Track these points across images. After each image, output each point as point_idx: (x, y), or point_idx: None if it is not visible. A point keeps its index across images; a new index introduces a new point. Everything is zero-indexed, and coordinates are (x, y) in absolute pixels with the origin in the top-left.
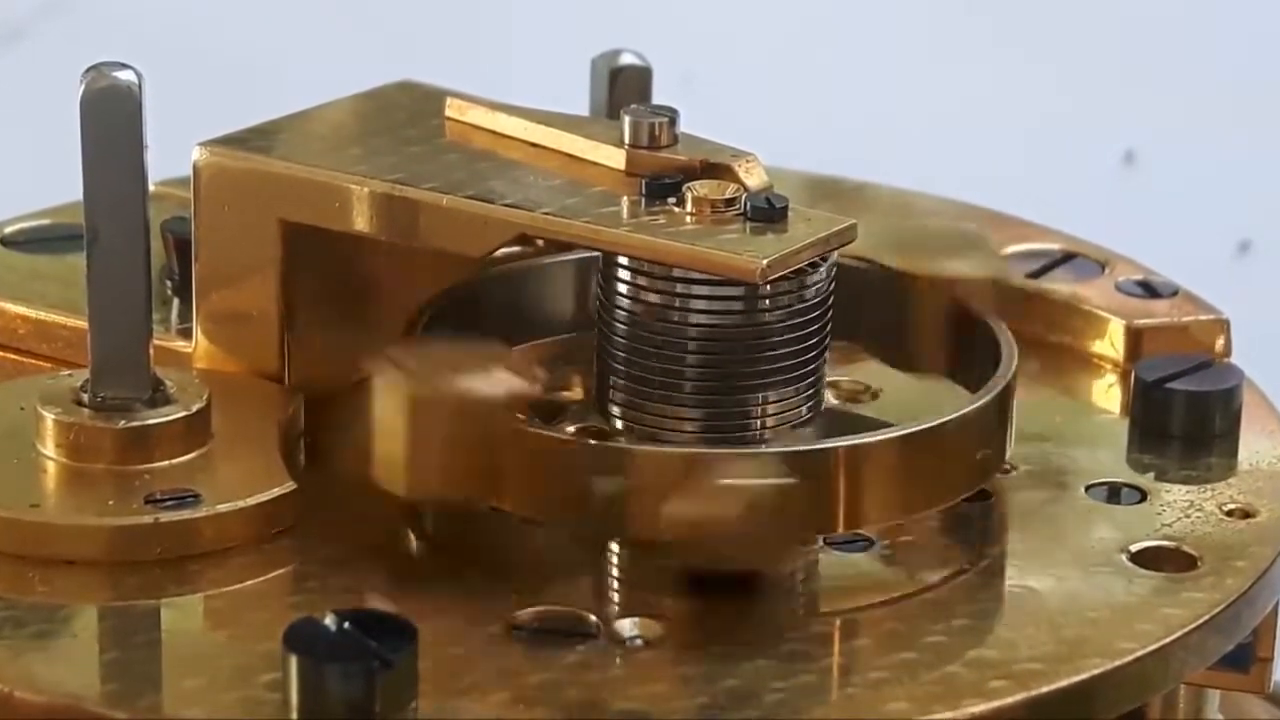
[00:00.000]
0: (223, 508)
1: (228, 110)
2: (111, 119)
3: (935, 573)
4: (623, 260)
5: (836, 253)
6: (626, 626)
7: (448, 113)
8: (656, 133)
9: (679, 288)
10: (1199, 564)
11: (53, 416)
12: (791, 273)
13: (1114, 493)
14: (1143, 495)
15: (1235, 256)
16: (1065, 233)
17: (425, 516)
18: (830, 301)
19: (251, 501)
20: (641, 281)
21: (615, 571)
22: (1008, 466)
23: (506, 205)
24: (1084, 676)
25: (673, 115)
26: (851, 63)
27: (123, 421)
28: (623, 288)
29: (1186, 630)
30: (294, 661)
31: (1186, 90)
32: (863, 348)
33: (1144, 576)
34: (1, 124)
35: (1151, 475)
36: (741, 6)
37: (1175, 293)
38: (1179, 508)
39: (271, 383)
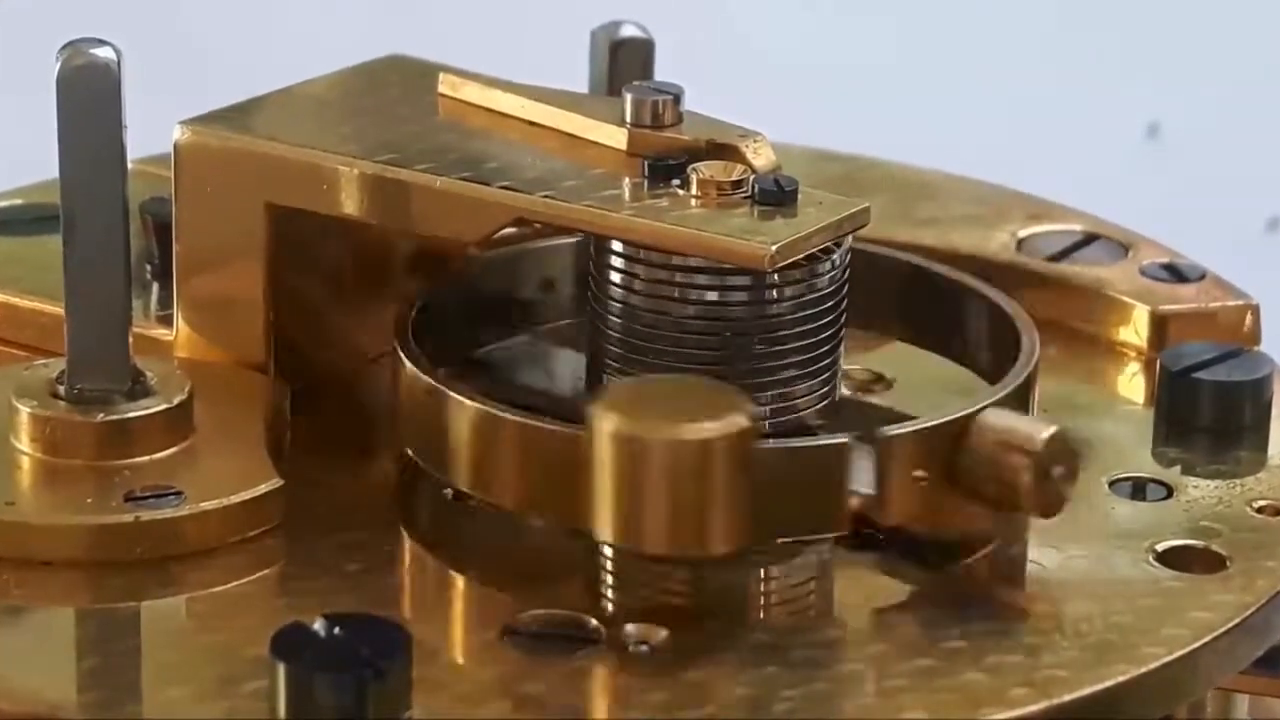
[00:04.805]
0: (206, 505)
1: (209, 86)
2: (89, 97)
3: (953, 574)
4: (617, 246)
5: (850, 237)
6: (630, 631)
7: (440, 89)
8: (660, 111)
9: (679, 275)
10: (1228, 564)
11: (28, 410)
12: (803, 259)
13: (1138, 488)
14: (1169, 491)
15: (1264, 234)
16: (1087, 213)
17: (419, 515)
18: (845, 289)
19: (236, 499)
20: (637, 270)
21: (618, 572)
22: None
23: (503, 188)
24: (1108, 684)
25: (677, 92)
26: (863, 36)
27: (101, 415)
28: (616, 275)
29: (1216, 635)
30: (281, 669)
31: (1212, 58)
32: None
33: (1170, 577)
34: None
35: (1178, 470)
36: None
37: (1202, 276)
38: (1206, 504)
39: (256, 373)
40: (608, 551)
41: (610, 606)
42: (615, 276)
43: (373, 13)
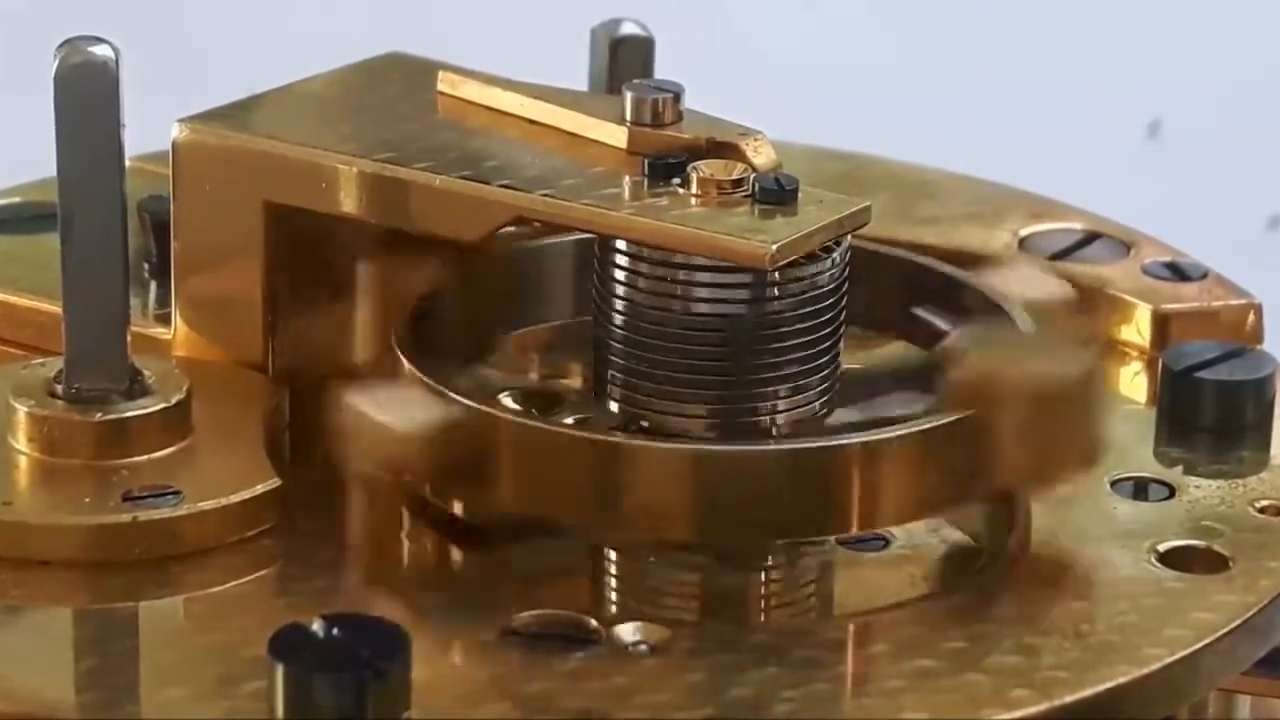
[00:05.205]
0: (204, 505)
1: (209, 86)
2: (87, 96)
3: (954, 575)
4: (621, 245)
5: (850, 237)
6: (629, 631)
7: (440, 87)
8: (660, 109)
9: (681, 274)
10: (1230, 564)
11: (25, 409)
12: (803, 258)
13: (1140, 488)
14: (1171, 491)
15: (1265, 232)
16: (1089, 211)
17: (418, 515)
18: (845, 288)
19: (235, 499)
20: (641, 268)
21: (617, 573)
22: None
23: (502, 186)
24: (1110, 685)
25: (677, 90)
26: (863, 36)
27: (99, 414)
28: (620, 274)
29: (1218, 635)
30: (280, 670)
31: (1212, 57)
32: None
33: (1172, 578)
34: None
35: (1180, 470)
36: None
37: (1204, 275)
38: (1209, 504)
39: (255, 372)
40: (608, 552)
41: (610, 607)
42: (619, 274)
43: (373, 12)
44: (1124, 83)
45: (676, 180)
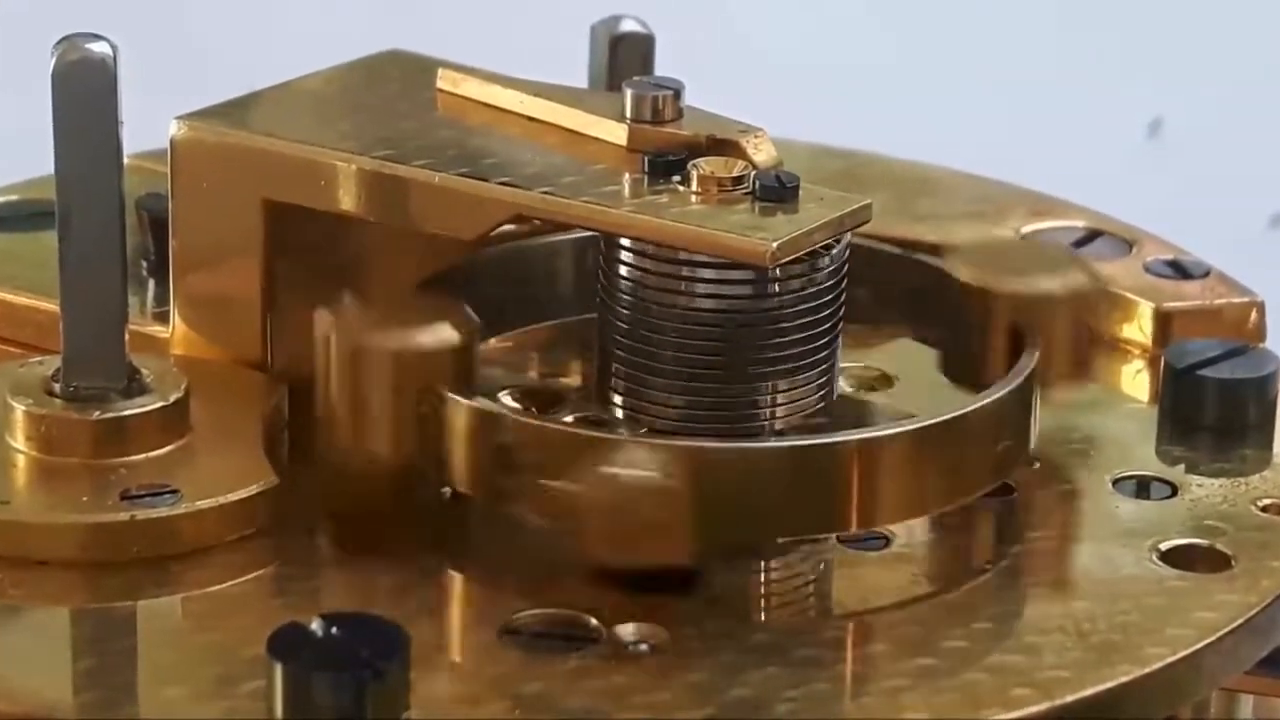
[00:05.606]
0: (203, 504)
1: (209, 86)
2: (85, 93)
3: (955, 573)
4: (624, 241)
5: (850, 234)
6: (629, 631)
7: (439, 84)
8: (660, 106)
9: (684, 270)
10: (1232, 563)
11: (23, 408)
12: (803, 255)
13: (1142, 487)
14: (1173, 490)
15: (1266, 231)
16: (1091, 209)
17: (417, 514)
18: (844, 285)
19: (233, 498)
20: (645, 264)
21: (618, 572)
22: (1030, 459)
23: (502, 184)
24: (1111, 685)
25: (677, 88)
26: (863, 36)
27: (97, 413)
28: (624, 270)
29: (1220, 635)
30: (279, 670)
31: (1213, 56)
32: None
33: (1174, 577)
34: None
35: (1182, 468)
36: None
37: (1207, 273)
38: (1211, 503)
39: (253, 371)
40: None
41: (610, 606)
42: (621, 270)
43: (373, 12)
44: (1124, 82)
45: (677, 177)
